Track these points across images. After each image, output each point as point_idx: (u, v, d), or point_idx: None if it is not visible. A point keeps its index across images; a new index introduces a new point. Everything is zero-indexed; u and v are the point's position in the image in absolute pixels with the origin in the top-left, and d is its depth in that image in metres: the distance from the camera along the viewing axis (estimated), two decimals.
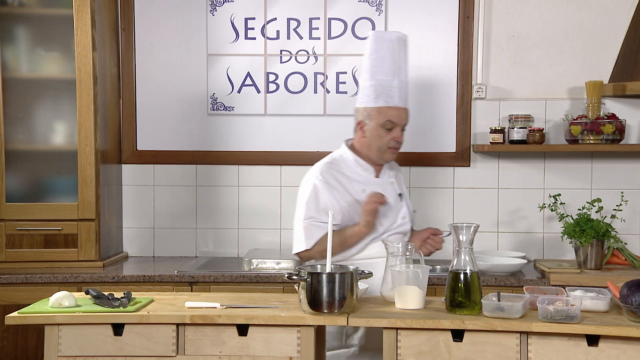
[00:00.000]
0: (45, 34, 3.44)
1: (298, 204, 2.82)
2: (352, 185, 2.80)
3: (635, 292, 2.18)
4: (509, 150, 3.57)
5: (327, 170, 2.81)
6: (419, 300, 2.31)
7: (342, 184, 2.79)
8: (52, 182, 3.50)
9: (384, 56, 2.79)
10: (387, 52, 2.79)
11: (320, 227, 2.71)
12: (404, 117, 2.81)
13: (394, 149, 2.81)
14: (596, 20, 3.60)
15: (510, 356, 2.18)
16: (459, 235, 2.28)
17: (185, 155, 3.75)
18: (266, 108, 3.72)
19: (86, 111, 3.34)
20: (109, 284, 3.17)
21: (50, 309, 2.33)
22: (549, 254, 3.65)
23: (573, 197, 3.53)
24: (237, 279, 3.21)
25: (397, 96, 2.79)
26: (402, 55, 2.82)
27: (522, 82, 3.65)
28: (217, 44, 3.72)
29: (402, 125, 2.81)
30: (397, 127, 2.79)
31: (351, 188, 2.79)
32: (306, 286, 2.26)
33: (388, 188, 2.85)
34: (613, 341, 2.13)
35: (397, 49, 2.81)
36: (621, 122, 3.46)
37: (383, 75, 2.78)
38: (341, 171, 2.83)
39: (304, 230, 2.74)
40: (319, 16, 3.68)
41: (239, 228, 3.76)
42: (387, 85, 2.78)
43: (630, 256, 3.32)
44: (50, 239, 3.37)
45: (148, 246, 3.79)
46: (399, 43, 2.82)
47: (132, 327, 2.28)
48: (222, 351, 2.27)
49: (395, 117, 2.78)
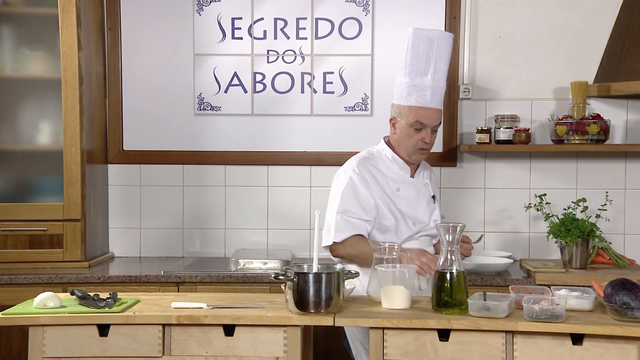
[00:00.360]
0: (30, 33, 3.42)
1: (332, 195, 2.78)
2: (387, 182, 2.78)
3: (619, 291, 2.20)
4: (495, 150, 3.59)
5: (363, 165, 2.78)
6: (406, 300, 2.31)
7: (377, 179, 2.76)
8: (37, 182, 3.48)
9: (420, 54, 2.72)
10: (424, 50, 2.72)
11: (353, 224, 2.68)
12: (435, 118, 2.74)
13: (422, 150, 2.76)
14: (581, 21, 3.62)
15: (495, 355, 2.19)
16: (445, 235, 2.29)
17: (172, 155, 3.74)
18: (253, 108, 3.72)
19: (72, 111, 3.32)
20: (94, 285, 3.16)
21: (34, 309, 2.31)
22: (535, 254, 3.67)
23: (558, 197, 3.55)
24: (223, 279, 3.20)
25: (430, 96, 2.72)
26: (441, 54, 2.74)
27: (508, 82, 3.66)
28: (204, 44, 3.71)
29: (433, 126, 2.75)
30: (427, 129, 2.73)
31: (386, 185, 2.77)
32: (293, 286, 2.26)
33: (422, 189, 2.84)
34: (597, 340, 2.15)
35: (436, 48, 2.72)
36: (606, 123, 3.48)
37: (417, 73, 2.72)
38: (377, 167, 2.80)
39: (335, 223, 2.70)
40: (306, 16, 3.68)
41: (226, 228, 3.75)
42: (420, 85, 2.72)
43: (614, 255, 3.35)
44: (35, 240, 3.35)
45: (134, 246, 3.77)
46: (439, 42, 2.73)
47: (117, 327, 2.27)
48: (209, 351, 2.26)
49: (425, 118, 2.72)
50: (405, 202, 2.78)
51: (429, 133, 2.75)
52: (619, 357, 2.14)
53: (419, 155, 2.79)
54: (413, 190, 2.80)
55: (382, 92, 3.66)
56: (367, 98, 3.68)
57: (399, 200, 2.77)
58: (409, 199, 2.79)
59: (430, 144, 2.77)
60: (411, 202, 2.79)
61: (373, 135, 3.66)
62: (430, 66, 2.72)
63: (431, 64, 2.73)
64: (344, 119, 3.70)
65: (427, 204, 2.83)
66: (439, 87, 2.74)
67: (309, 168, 3.71)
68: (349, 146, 3.67)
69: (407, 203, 2.78)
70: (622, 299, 2.19)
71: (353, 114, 3.69)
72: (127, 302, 2.40)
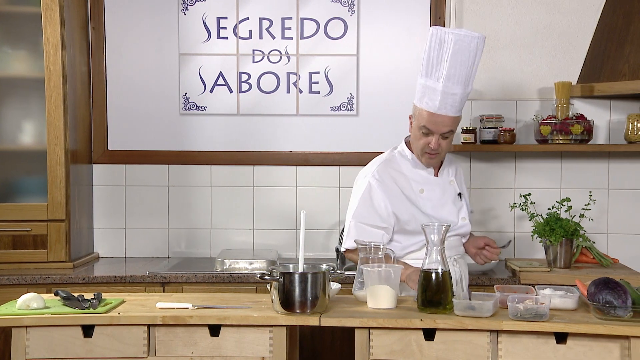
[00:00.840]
0: (12, 32, 3.39)
1: (352, 197, 2.74)
2: (409, 184, 2.71)
3: (602, 290, 2.22)
4: (480, 150, 3.61)
5: (384, 169, 2.71)
6: (391, 299, 2.32)
7: (398, 183, 2.70)
8: (20, 182, 3.45)
9: (436, 57, 2.59)
10: (437, 52, 2.59)
11: (367, 232, 2.63)
12: (443, 125, 2.62)
13: (429, 154, 2.67)
14: (564, 21, 3.65)
15: (480, 354, 2.20)
16: (431, 235, 2.30)
17: (157, 155, 3.72)
18: (239, 108, 3.71)
19: (55, 110, 3.29)
20: (79, 285, 3.14)
21: (18, 311, 2.30)
22: (520, 253, 3.69)
23: (543, 197, 3.57)
24: (209, 279, 3.19)
25: (439, 102, 2.59)
26: (458, 59, 2.58)
27: (493, 82, 3.68)
28: (189, 44, 3.69)
29: (441, 133, 2.63)
30: (435, 135, 2.63)
31: (408, 187, 2.71)
32: (278, 286, 2.26)
33: (447, 187, 2.77)
34: (581, 338, 2.16)
35: (451, 52, 2.57)
36: (589, 123, 3.51)
37: (431, 76, 2.61)
38: (399, 169, 2.73)
39: (349, 229, 2.68)
40: (292, 16, 3.68)
41: (211, 228, 3.74)
42: (432, 88, 2.60)
43: (598, 255, 3.38)
44: (18, 240, 3.32)
45: (119, 247, 3.75)
46: (457, 45, 2.56)
47: (102, 328, 2.25)
48: (194, 352, 2.26)
49: (431, 124, 2.62)
50: (430, 203, 2.72)
51: (436, 139, 2.64)
52: (602, 355, 2.16)
53: (427, 160, 2.70)
54: (438, 190, 2.74)
55: (367, 92, 3.67)
56: (353, 98, 3.69)
57: (423, 202, 2.71)
58: (433, 200, 2.72)
59: (439, 149, 2.66)
60: (436, 203, 2.72)
61: (359, 135, 3.68)
62: (442, 70, 2.59)
63: (443, 68, 2.59)
64: (329, 118, 3.70)
65: (454, 202, 2.76)
66: (451, 93, 2.59)
67: (295, 168, 3.71)
68: (335, 146, 3.68)
69: (432, 205, 2.72)
70: (605, 297, 2.21)
71: (339, 114, 3.70)
72: (112, 302, 2.39)
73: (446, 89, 2.59)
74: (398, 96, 3.66)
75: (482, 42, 2.63)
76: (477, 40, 2.61)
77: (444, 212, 2.74)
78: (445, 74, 2.59)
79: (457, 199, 2.78)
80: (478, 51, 2.62)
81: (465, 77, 2.62)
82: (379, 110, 3.68)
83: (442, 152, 2.71)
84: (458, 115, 2.67)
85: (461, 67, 2.60)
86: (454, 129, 2.69)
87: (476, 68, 2.65)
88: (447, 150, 2.73)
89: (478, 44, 2.61)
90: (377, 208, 2.66)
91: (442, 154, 2.73)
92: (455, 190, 2.80)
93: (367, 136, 3.69)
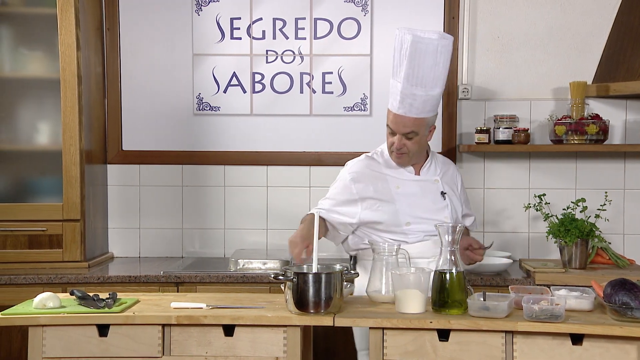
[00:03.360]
0: (28, 33, 3.42)
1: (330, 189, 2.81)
2: (387, 180, 2.74)
3: (618, 291, 2.21)
4: (495, 151, 3.59)
5: (362, 165, 2.77)
6: (421, 304, 2.28)
7: (376, 179, 2.73)
8: (36, 182, 3.47)
9: (398, 58, 2.61)
10: (402, 54, 2.59)
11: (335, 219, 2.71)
12: (403, 126, 2.65)
13: (395, 154, 2.71)
14: (580, 21, 3.63)
15: (495, 355, 2.19)
16: (445, 236, 2.29)
17: (171, 156, 3.74)
18: (252, 108, 3.72)
19: (71, 111, 3.31)
20: (94, 285, 3.15)
21: (34, 310, 2.31)
22: (534, 254, 3.67)
23: (558, 197, 3.55)
24: (223, 279, 3.20)
25: (398, 103, 2.63)
26: (419, 60, 2.56)
27: (507, 82, 3.67)
28: (203, 44, 3.70)
29: (402, 133, 2.66)
30: (399, 135, 2.67)
31: (385, 184, 2.73)
32: (292, 286, 2.26)
33: (428, 186, 2.76)
34: (597, 340, 2.15)
35: (409, 53, 2.55)
36: (605, 123, 3.48)
37: (395, 77, 2.64)
38: (378, 167, 2.77)
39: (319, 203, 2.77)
40: (305, 16, 3.68)
41: (225, 228, 3.75)
42: (395, 88, 2.64)
43: (614, 255, 3.35)
44: (34, 240, 3.34)
45: (134, 247, 3.77)
46: (414, 46, 2.54)
47: (117, 328, 2.27)
48: (208, 352, 2.26)
49: (392, 123, 2.67)
50: (405, 200, 2.73)
51: (398, 139, 2.67)
52: (619, 357, 2.14)
53: (396, 158, 2.73)
54: (416, 187, 2.75)
55: (381, 92, 3.66)
56: (366, 98, 3.68)
57: (398, 197, 2.72)
58: (409, 197, 2.74)
59: (405, 149, 2.69)
60: (412, 199, 2.73)
61: (372, 135, 3.67)
62: (401, 71, 2.59)
63: (402, 68, 2.59)
64: (343, 119, 3.70)
65: (434, 201, 2.75)
66: (410, 94, 2.60)
67: (308, 168, 3.71)
68: (348, 146, 3.67)
69: (407, 201, 2.73)
70: (622, 299, 2.19)
71: (352, 114, 3.69)
72: (127, 302, 2.40)
73: (405, 89, 2.60)
74: None
75: (445, 43, 2.58)
76: (437, 42, 2.57)
77: (419, 209, 2.73)
78: (404, 75, 2.58)
79: (439, 198, 2.77)
80: (440, 53, 2.57)
81: (428, 79, 2.58)
82: None
83: (410, 153, 2.71)
84: (422, 117, 2.65)
85: (421, 68, 2.57)
86: (419, 130, 2.67)
87: (443, 69, 2.61)
88: (416, 150, 2.71)
89: (440, 46, 2.57)
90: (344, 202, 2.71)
91: (411, 154, 2.72)
92: (438, 189, 2.78)
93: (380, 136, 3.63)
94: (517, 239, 3.68)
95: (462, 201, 2.88)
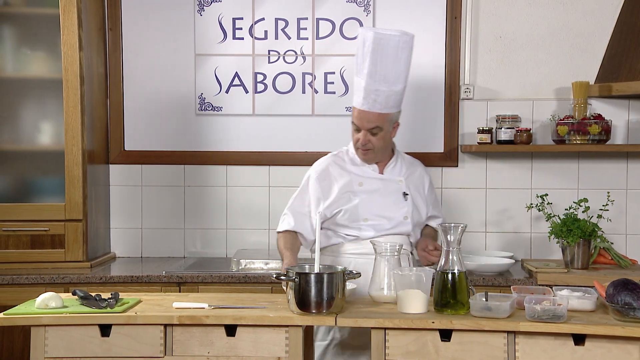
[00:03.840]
0: (31, 33, 3.42)
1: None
2: (350, 178, 2.77)
3: (621, 292, 2.20)
4: (497, 151, 3.59)
5: (328, 162, 2.83)
6: (423, 304, 2.28)
7: (340, 176, 2.78)
8: (38, 182, 3.48)
9: (361, 55, 2.68)
10: (364, 51, 2.67)
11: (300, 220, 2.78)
12: (367, 121, 2.70)
13: (361, 150, 2.76)
14: (582, 21, 3.62)
15: (497, 355, 2.19)
16: (447, 236, 2.29)
17: (173, 156, 3.74)
18: (254, 108, 3.72)
19: (73, 111, 3.32)
20: (96, 285, 3.16)
21: (36, 310, 2.32)
22: (537, 254, 3.67)
23: (560, 197, 3.55)
24: (225, 279, 3.20)
25: (363, 98, 2.69)
26: (378, 57, 2.65)
27: (510, 82, 3.66)
28: (205, 44, 3.71)
29: (367, 129, 2.71)
30: (364, 130, 2.71)
31: (348, 182, 2.76)
32: (294, 286, 2.26)
33: (391, 185, 2.80)
34: (599, 340, 2.15)
35: (371, 50, 2.64)
36: (607, 123, 3.48)
37: (358, 74, 2.72)
38: (343, 165, 2.81)
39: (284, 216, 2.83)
40: (307, 16, 3.68)
41: (227, 228, 3.75)
42: (358, 85, 2.71)
43: (616, 256, 3.35)
44: (36, 240, 3.35)
45: (136, 247, 3.77)
46: (375, 43, 2.63)
47: (119, 328, 2.27)
48: (210, 352, 2.26)
49: (357, 119, 2.73)
50: (367, 197, 2.76)
51: (363, 135, 2.71)
52: (621, 357, 2.14)
53: (361, 155, 2.78)
54: (378, 185, 2.78)
55: None
56: None
57: (359, 195, 2.75)
58: (371, 195, 2.76)
59: (370, 145, 2.72)
60: (374, 197, 2.76)
61: None
62: (364, 68, 2.67)
63: (365, 65, 2.67)
64: (345, 119, 3.68)
65: (395, 201, 2.78)
66: (373, 90, 2.66)
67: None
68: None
69: (369, 198, 2.75)
70: (624, 299, 2.19)
71: None
72: (129, 302, 2.40)
73: (368, 85, 2.66)
74: (413, 96, 3.65)
75: (405, 39, 2.68)
76: (398, 38, 2.66)
77: (379, 207, 2.75)
78: (367, 71, 2.66)
79: (400, 198, 2.79)
80: (400, 49, 2.66)
81: (390, 75, 2.67)
82: None
83: (376, 149, 2.75)
84: (386, 113, 2.71)
85: (382, 64, 2.65)
86: (383, 126, 2.72)
87: (404, 65, 2.70)
88: (381, 147, 2.75)
89: (400, 42, 2.66)
90: (310, 198, 2.77)
91: (376, 150, 2.76)
92: (400, 189, 2.80)
93: None
94: (520, 239, 3.67)
95: (429, 203, 2.89)
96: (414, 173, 2.88)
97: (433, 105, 3.67)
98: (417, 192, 2.85)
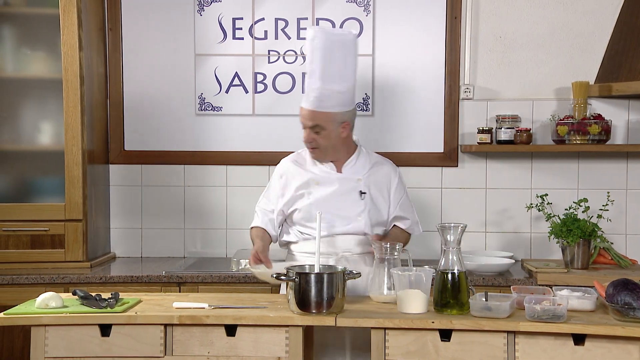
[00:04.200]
0: (31, 33, 3.42)
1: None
2: (307, 176, 2.80)
3: (621, 292, 2.20)
4: (497, 151, 3.59)
5: (290, 160, 2.89)
6: (423, 304, 2.28)
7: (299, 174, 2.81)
8: (38, 182, 3.48)
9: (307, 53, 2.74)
10: (309, 50, 2.72)
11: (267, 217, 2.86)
12: (306, 119, 2.72)
13: (308, 147, 2.78)
14: (582, 21, 3.62)
15: (497, 355, 2.19)
16: (447, 236, 2.29)
17: (173, 156, 3.74)
18: (254, 108, 3.72)
19: (73, 111, 3.32)
20: (96, 285, 3.16)
21: (36, 310, 2.32)
22: (536, 254, 3.67)
23: (560, 197, 3.55)
24: (225, 279, 3.20)
25: (305, 96, 2.74)
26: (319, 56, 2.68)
27: (510, 82, 3.66)
28: (205, 44, 3.71)
29: (307, 127, 2.72)
30: (307, 128, 2.73)
31: (306, 180, 2.79)
32: (294, 286, 2.26)
33: (348, 184, 2.78)
34: (599, 340, 2.15)
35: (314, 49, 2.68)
36: (607, 123, 3.48)
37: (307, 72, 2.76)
38: (303, 164, 2.85)
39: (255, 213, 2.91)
40: (307, 16, 3.68)
41: (227, 228, 3.75)
42: (305, 84, 2.79)
43: (616, 256, 3.35)
44: (36, 240, 3.35)
45: (136, 247, 3.77)
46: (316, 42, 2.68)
47: (119, 327, 2.27)
48: (211, 352, 2.26)
49: (301, 117, 2.75)
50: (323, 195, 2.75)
51: (306, 133, 2.73)
52: (621, 357, 2.14)
53: (310, 153, 2.81)
54: (334, 184, 2.78)
55: (383, 92, 3.67)
56: (368, 98, 3.68)
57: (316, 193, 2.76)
58: (327, 193, 2.76)
59: (315, 144, 2.73)
60: (330, 195, 2.76)
61: (374, 135, 3.67)
62: (312, 67, 2.70)
63: (308, 64, 2.72)
64: None
65: (352, 200, 2.77)
66: (312, 88, 2.70)
67: None
68: None
69: (324, 196, 2.75)
70: (624, 299, 2.19)
71: None
72: (129, 302, 2.40)
73: (310, 84, 2.71)
74: (413, 96, 3.66)
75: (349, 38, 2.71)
76: (336, 37, 2.70)
77: (334, 206, 2.74)
78: (310, 70, 2.71)
79: (356, 197, 2.77)
80: (338, 48, 2.68)
81: (328, 73, 2.67)
82: (395, 110, 3.67)
83: (322, 147, 2.75)
84: (327, 112, 2.70)
85: (320, 62, 2.67)
86: (325, 125, 2.71)
87: (342, 64, 2.68)
88: (327, 145, 2.75)
89: (338, 41, 2.69)
90: (272, 196, 2.86)
91: (323, 149, 2.76)
92: (357, 188, 2.78)
93: (382, 136, 3.68)
94: (519, 239, 3.68)
95: (395, 203, 2.84)
96: (378, 172, 2.84)
97: (433, 105, 3.67)
98: (379, 192, 2.81)
